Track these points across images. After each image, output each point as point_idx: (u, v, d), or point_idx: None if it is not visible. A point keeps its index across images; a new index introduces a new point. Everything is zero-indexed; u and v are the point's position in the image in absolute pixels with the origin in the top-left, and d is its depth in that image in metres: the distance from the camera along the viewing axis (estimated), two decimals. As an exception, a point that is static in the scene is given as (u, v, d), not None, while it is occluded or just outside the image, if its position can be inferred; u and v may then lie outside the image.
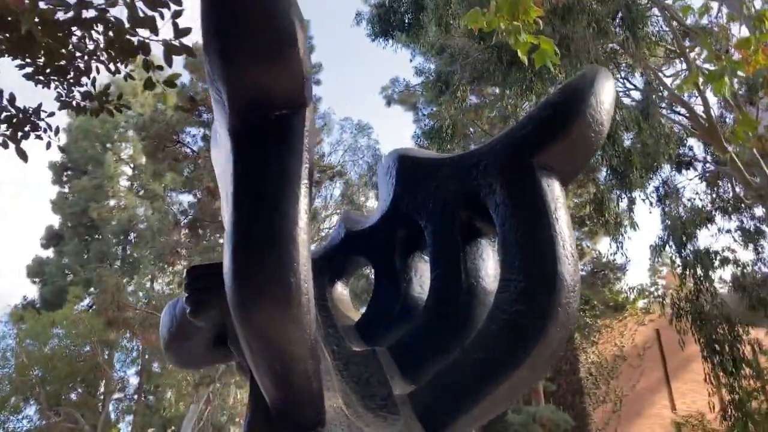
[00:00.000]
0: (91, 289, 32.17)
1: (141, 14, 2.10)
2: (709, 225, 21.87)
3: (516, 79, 14.18)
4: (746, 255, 26.99)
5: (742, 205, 21.94)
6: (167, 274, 30.63)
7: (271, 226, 1.79)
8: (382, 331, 2.65)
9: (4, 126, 3.53)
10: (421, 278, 2.74)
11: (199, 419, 28.08)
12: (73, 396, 30.38)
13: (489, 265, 2.53)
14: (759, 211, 21.58)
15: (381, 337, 2.62)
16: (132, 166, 32.82)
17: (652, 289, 24.25)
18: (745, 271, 18.72)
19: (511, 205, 2.29)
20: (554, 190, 2.27)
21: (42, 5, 2.14)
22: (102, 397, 31.50)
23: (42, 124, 3.79)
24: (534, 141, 2.30)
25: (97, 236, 32.01)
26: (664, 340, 22.48)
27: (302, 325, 1.83)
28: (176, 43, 2.22)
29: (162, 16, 2.19)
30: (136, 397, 32.29)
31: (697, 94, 18.72)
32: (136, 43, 2.16)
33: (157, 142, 24.28)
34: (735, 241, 20.83)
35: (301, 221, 1.82)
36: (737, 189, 21.19)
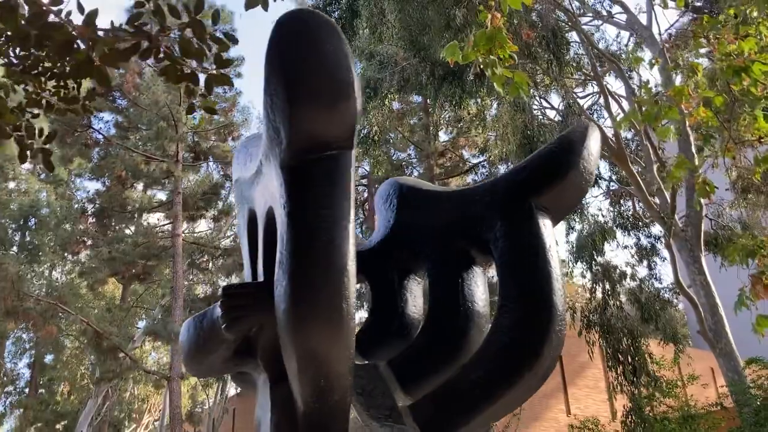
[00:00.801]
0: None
1: (195, 46, 2.22)
2: (610, 241, 23.30)
3: (447, 94, 14.67)
4: (642, 271, 28.83)
5: (640, 223, 23.50)
6: (67, 263, 29.43)
7: (327, 258, 2.01)
8: (380, 346, 2.89)
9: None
10: (416, 299, 2.99)
11: (97, 415, 27.14)
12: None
13: (481, 290, 2.82)
14: (655, 229, 23.19)
15: (379, 352, 2.86)
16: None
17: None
18: (642, 285, 20.08)
19: (510, 240, 2.58)
20: (549, 230, 2.59)
21: (100, 34, 2.22)
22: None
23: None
24: (534, 185, 2.61)
25: (-8, 220, 30.26)
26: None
27: (348, 346, 2.06)
28: (216, 72, 2.36)
29: (210, 48, 2.32)
30: (27, 390, 30.78)
31: (606, 117, 19.92)
32: (183, 72, 2.27)
33: (66, 126, 23.26)
34: (632, 256, 22.31)
35: (350, 254, 2.05)
36: (638, 207, 22.67)
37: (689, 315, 27.65)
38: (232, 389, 33.18)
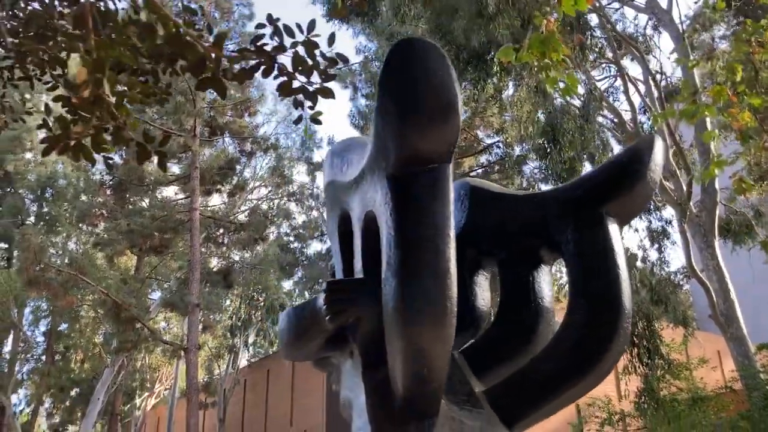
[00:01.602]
0: (1, 244, 30.88)
1: (309, 63, 2.41)
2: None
3: (471, 77, 14.81)
4: (652, 254, 28.94)
5: (652, 206, 23.66)
6: (84, 234, 29.80)
7: (433, 263, 2.25)
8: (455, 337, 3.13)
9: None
10: (484, 293, 3.24)
11: (113, 383, 27.74)
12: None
13: (548, 287, 3.06)
14: (666, 213, 23.36)
15: (454, 342, 3.11)
16: (53, 119, 31.41)
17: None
18: (653, 269, 20.32)
19: (582, 243, 2.82)
20: (617, 235, 2.82)
21: (225, 53, 2.44)
22: (7, 356, 30.45)
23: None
24: (604, 194, 2.84)
25: (9, 189, 30.63)
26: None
27: (449, 342, 2.32)
28: (321, 86, 2.56)
29: (319, 64, 2.51)
30: (44, 357, 31.41)
31: (622, 100, 19.98)
32: (294, 86, 2.47)
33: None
34: (641, 240, 22.55)
35: (452, 258, 2.29)
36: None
37: (696, 298, 27.96)
38: (243, 361, 33.79)
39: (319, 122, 3.01)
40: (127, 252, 27.23)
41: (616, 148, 23.35)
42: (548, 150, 15.28)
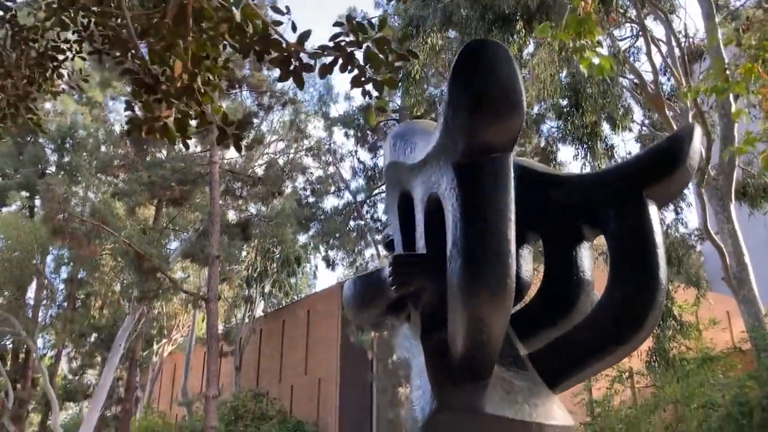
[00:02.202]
0: (23, 192, 31.39)
1: (380, 57, 2.60)
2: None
3: (496, 37, 14.82)
4: (669, 215, 29.09)
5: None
6: (104, 185, 30.23)
7: (496, 244, 2.52)
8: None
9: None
10: (528, 264, 3.51)
11: (133, 330, 28.52)
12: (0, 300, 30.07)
13: (589, 262, 3.33)
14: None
15: (499, 309, 3.39)
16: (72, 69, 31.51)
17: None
18: (668, 230, 20.53)
19: (625, 224, 3.06)
20: (656, 216, 3.06)
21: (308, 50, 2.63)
22: (32, 302, 31.31)
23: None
24: (646, 178, 3.07)
25: (30, 139, 30.98)
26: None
27: (507, 314, 2.60)
28: (388, 77, 2.75)
29: (389, 59, 2.71)
30: (66, 304, 32.25)
31: (643, 61, 19.83)
32: (366, 78, 2.68)
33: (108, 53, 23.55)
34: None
35: (513, 241, 2.55)
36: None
37: (708, 259, 28.18)
38: (259, 311, 34.53)
39: (384, 110, 3.24)
40: (147, 203, 27.67)
41: (638, 113, 23.31)
42: (569, 113, 15.35)
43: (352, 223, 28.96)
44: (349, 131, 29.08)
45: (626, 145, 32.58)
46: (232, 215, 30.63)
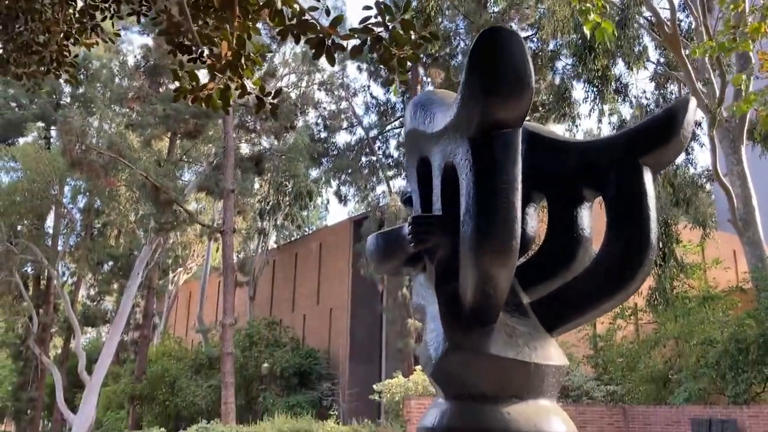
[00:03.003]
0: (39, 123, 31.71)
1: (404, 37, 2.83)
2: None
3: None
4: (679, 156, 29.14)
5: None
6: (118, 116, 30.41)
7: (504, 211, 2.86)
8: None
9: None
10: (532, 221, 3.84)
11: (150, 260, 29.28)
12: (19, 228, 30.81)
13: (588, 221, 3.66)
14: (697, 115, 23.38)
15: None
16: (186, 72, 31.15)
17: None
18: (677, 170, 20.71)
19: (622, 188, 3.39)
20: (650, 182, 3.38)
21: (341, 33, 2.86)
22: (51, 231, 32.08)
23: None
24: (643, 147, 3.38)
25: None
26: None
27: (512, 269, 2.97)
28: (411, 53, 3.00)
29: (412, 39, 2.95)
30: (83, 233, 33.01)
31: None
32: (390, 55, 2.92)
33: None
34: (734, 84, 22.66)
35: (519, 207, 2.89)
36: (683, 92, 22.77)
37: (720, 200, 28.39)
38: (272, 243, 35.24)
39: (406, 83, 3.49)
40: (162, 135, 27.95)
41: (653, 54, 23.07)
42: (583, 53, 15.32)
43: (364, 159, 29.18)
44: (362, 65, 28.92)
45: (640, 84, 32.24)
46: (245, 149, 30.90)
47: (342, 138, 30.75)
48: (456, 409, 3.20)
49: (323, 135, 30.02)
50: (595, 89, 19.16)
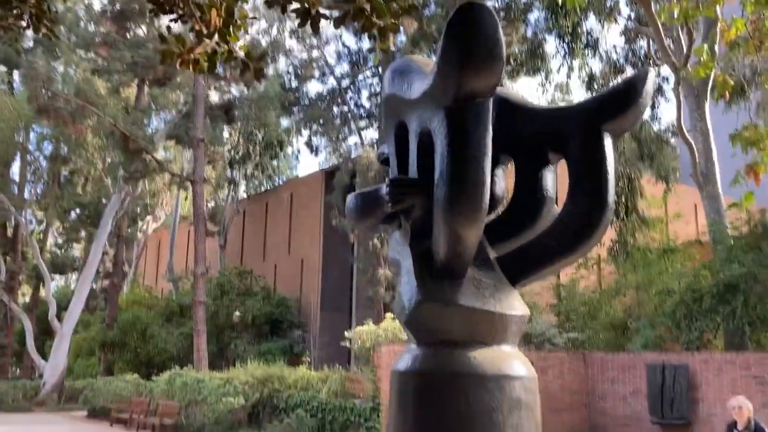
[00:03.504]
0: (1, 67, 30.82)
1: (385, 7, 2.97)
2: (620, 76, 24.11)
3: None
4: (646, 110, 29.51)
5: (651, 63, 24.00)
6: (85, 61, 29.73)
7: (474, 175, 3.11)
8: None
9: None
10: (501, 182, 4.11)
11: (120, 209, 29.13)
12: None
13: (552, 182, 3.94)
14: (664, 71, 23.79)
15: (475, 219, 4.02)
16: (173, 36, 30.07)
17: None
18: (642, 125, 21.14)
19: (584, 152, 3.65)
20: (610, 147, 3.66)
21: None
22: (17, 179, 31.60)
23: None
24: (604, 115, 3.63)
25: (5, 11, 30.01)
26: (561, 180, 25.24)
27: (480, 229, 3.25)
28: (392, 23, 3.15)
29: (393, 9, 3.10)
30: (51, 181, 32.58)
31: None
32: (372, 24, 3.06)
33: None
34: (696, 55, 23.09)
35: (488, 172, 3.14)
36: (652, 48, 23.07)
37: (683, 153, 29.07)
38: (242, 192, 35.22)
39: (387, 52, 3.66)
40: (131, 83, 27.48)
41: (624, 9, 23.21)
42: (554, 8, 15.43)
43: (335, 109, 29.11)
44: (333, 12, 28.54)
45: (610, 39, 32.34)
46: (214, 97, 30.56)
47: (313, 87, 30.71)
48: (427, 354, 3.50)
49: (294, 84, 29.80)
50: (565, 45, 19.34)
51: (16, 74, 31.92)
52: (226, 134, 33.75)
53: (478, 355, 3.40)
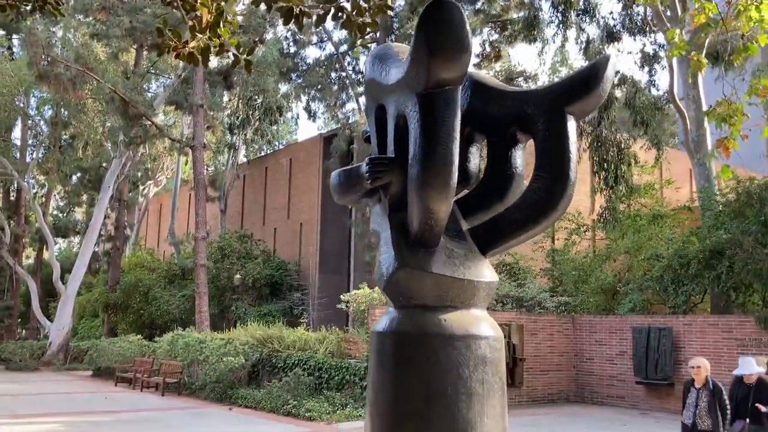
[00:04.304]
0: (0, 31, 30.83)
1: (364, 6, 3.23)
2: (617, 44, 24.21)
3: None
4: (643, 77, 29.46)
5: (647, 29, 24.04)
6: (85, 26, 29.71)
7: (443, 156, 3.45)
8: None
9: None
10: (475, 158, 4.43)
11: (120, 173, 29.44)
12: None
13: (521, 160, 4.27)
14: (661, 37, 23.82)
15: (450, 193, 4.36)
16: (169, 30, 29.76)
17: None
18: (638, 92, 21.31)
19: (549, 132, 3.97)
20: (573, 128, 3.98)
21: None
22: (18, 143, 31.84)
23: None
24: (568, 98, 3.94)
25: (2, -26, 29.90)
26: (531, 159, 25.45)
27: (450, 204, 3.60)
28: (371, 20, 3.42)
29: (370, 9, 3.37)
30: (52, 146, 32.84)
31: None
32: (352, 21, 3.33)
33: None
34: (635, 63, 23.22)
35: (456, 153, 3.48)
36: (648, 15, 23.09)
37: (680, 120, 29.25)
38: (242, 157, 35.47)
39: (367, 47, 3.94)
40: (130, 48, 27.53)
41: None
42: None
43: (333, 74, 29.18)
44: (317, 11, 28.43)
45: (607, 5, 32.19)
46: (213, 62, 30.60)
47: (312, 53, 30.68)
48: (403, 316, 3.88)
49: (293, 50, 29.80)
50: (559, 14, 19.43)
51: (15, 39, 32.00)
52: (225, 99, 33.87)
53: (448, 318, 3.77)
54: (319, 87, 28.65)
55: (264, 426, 13.40)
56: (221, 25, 3.58)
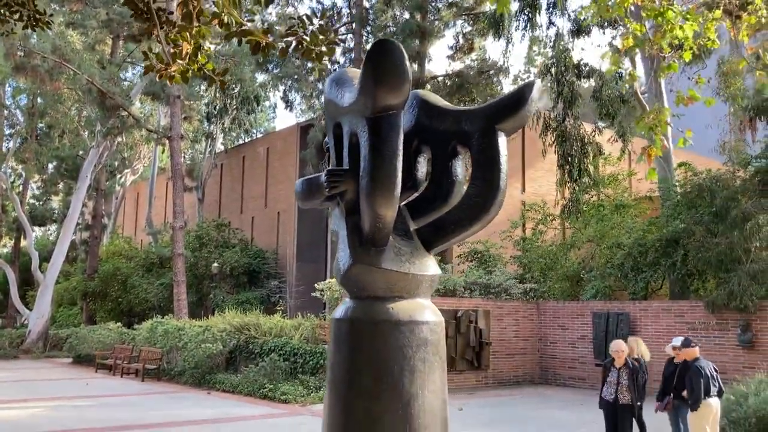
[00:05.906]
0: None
1: (320, 38, 3.77)
2: (586, 37, 24.97)
3: None
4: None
5: (616, 22, 24.79)
6: (60, 15, 29.75)
7: (389, 170, 4.07)
8: (401, 194, 5.01)
9: None
10: (422, 167, 5.07)
11: (98, 163, 29.66)
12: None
13: (461, 169, 4.90)
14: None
15: (401, 198, 4.99)
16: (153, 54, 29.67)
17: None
18: (603, 85, 22.05)
19: (483, 146, 4.61)
20: (504, 143, 4.63)
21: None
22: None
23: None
24: (498, 117, 4.58)
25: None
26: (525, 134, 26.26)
27: (395, 209, 4.23)
28: (327, 50, 4.00)
29: (327, 40, 3.91)
30: (29, 136, 32.89)
31: None
32: (308, 50, 3.88)
33: None
34: (602, 57, 23.98)
35: (399, 168, 4.11)
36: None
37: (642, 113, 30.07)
38: (219, 145, 35.79)
39: (324, 72, 4.50)
40: (106, 39, 27.69)
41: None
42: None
43: (309, 65, 29.55)
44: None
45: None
46: (190, 52, 30.81)
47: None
48: (357, 305, 4.52)
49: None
50: (525, 17, 20.10)
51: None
52: (203, 88, 34.13)
53: (395, 306, 4.41)
54: (295, 77, 29.07)
55: (241, 408, 14.02)
56: (198, 55, 4.15)
